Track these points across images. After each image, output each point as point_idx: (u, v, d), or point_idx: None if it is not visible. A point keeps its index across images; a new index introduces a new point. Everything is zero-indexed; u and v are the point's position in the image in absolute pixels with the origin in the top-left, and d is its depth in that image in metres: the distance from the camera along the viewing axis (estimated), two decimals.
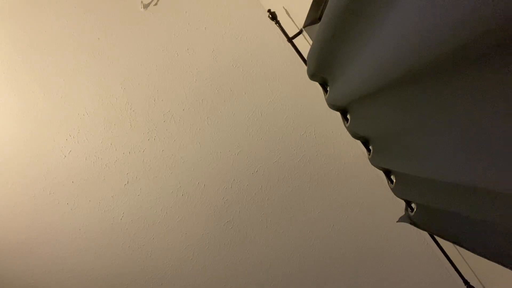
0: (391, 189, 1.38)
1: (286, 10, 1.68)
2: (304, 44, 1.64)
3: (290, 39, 1.55)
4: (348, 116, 1.33)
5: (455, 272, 1.66)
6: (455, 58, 0.54)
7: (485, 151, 0.63)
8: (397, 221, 1.52)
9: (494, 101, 0.55)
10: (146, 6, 1.99)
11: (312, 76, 1.36)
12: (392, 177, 1.37)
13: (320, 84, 1.39)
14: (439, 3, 0.51)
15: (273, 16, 1.55)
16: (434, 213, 1.20)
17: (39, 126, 1.92)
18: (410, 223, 1.41)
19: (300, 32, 1.58)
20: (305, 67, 1.42)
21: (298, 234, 2.07)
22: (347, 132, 1.38)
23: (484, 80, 0.54)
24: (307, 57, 1.36)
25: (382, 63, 0.76)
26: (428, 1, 0.54)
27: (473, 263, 1.65)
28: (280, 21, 1.57)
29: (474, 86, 0.58)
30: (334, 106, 1.33)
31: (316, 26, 1.55)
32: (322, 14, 1.06)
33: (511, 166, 0.57)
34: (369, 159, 1.37)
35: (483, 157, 0.64)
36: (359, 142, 1.41)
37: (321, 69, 1.26)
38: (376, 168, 1.43)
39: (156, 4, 1.99)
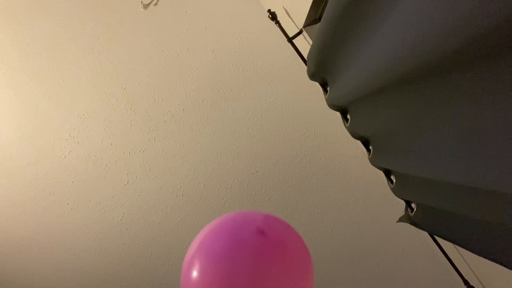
0: (391, 189, 1.38)
1: (286, 10, 1.68)
2: (304, 44, 1.64)
3: (290, 39, 1.55)
4: (348, 116, 1.33)
5: (455, 272, 1.66)
6: (454, 58, 0.54)
7: (485, 150, 0.63)
8: (397, 221, 1.52)
9: (492, 101, 0.55)
10: (146, 6, 1.99)
11: (312, 76, 1.36)
12: (392, 177, 1.37)
13: (320, 84, 1.39)
14: (438, 4, 0.52)
15: (273, 16, 1.55)
16: (434, 213, 1.20)
17: (39, 126, 1.92)
18: (410, 223, 1.41)
19: (300, 32, 1.58)
20: (305, 67, 1.42)
21: None
22: (347, 132, 1.38)
23: (483, 81, 0.54)
24: (307, 57, 1.36)
25: (382, 63, 0.76)
26: (428, 2, 0.54)
27: (473, 263, 1.65)
28: (280, 21, 1.57)
29: (473, 86, 0.58)
30: (334, 106, 1.33)
31: (316, 26, 1.55)
32: (322, 14, 1.06)
33: (509, 165, 0.57)
34: (369, 159, 1.37)
35: (482, 157, 0.64)
36: (359, 142, 1.42)
37: (321, 69, 1.26)
38: (376, 168, 1.43)
39: (156, 4, 1.99)
